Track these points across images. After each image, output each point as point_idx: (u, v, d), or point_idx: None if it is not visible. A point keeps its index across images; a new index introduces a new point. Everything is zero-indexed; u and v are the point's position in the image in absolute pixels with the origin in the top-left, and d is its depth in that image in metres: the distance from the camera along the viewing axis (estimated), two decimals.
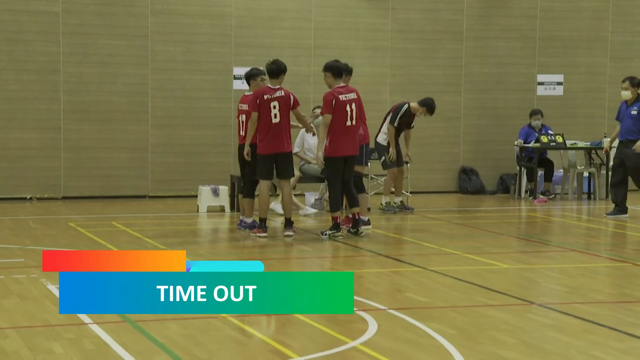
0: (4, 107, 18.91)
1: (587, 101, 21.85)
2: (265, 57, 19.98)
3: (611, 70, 22.06)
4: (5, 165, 18.94)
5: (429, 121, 20.60)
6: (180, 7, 19.68)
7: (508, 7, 21.48)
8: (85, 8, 19.23)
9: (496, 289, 10.93)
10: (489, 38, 21.16)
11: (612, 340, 8.66)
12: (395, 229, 15.86)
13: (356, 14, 20.65)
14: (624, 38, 22.03)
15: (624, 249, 14.28)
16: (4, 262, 12.27)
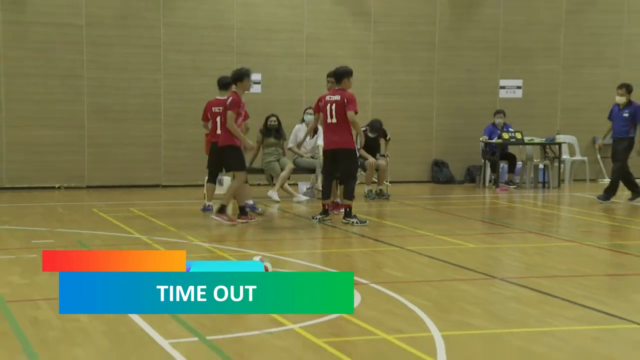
0: (35, 108, 18.94)
1: (542, 103, 21.87)
2: (263, 64, 20.15)
3: (563, 76, 22.10)
4: (36, 159, 18.99)
5: (407, 120, 20.74)
6: (188, 20, 19.68)
7: (475, 20, 21.51)
8: (105, 21, 19.22)
9: (464, 265, 11.01)
10: (458, 48, 21.18)
11: (563, 310, 8.76)
12: (376, 214, 15.89)
13: (343, 26, 20.65)
14: (575, 48, 22.03)
15: (573, 231, 14.36)
16: (36, 242, 12.32)
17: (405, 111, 20.82)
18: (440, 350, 7.25)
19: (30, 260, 10.98)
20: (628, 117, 17.25)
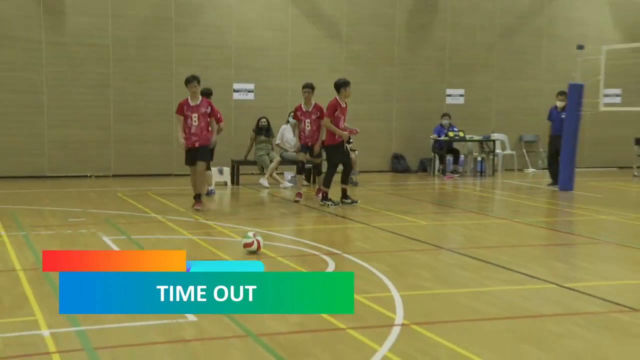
0: (69, 112, 18.92)
1: (480, 108, 21.94)
2: (256, 76, 20.12)
3: (497, 87, 22.18)
4: (71, 153, 18.96)
5: (372, 122, 20.70)
6: (196, 40, 19.65)
7: (426, 42, 21.52)
8: (128, 42, 19.19)
9: (418, 238, 11.04)
10: (413, 64, 21.19)
11: (497, 273, 8.82)
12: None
13: (320, 46, 20.65)
14: (505, 64, 22.10)
15: (504, 210, 14.42)
16: (72, 220, 12.32)
17: (370, 114, 20.81)
18: (399, 306, 7.30)
19: (67, 235, 10.99)
20: (565, 118, 17.30)
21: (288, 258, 9.50)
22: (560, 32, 22.39)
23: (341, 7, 20.78)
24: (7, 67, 18.56)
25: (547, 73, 22.23)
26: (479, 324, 6.86)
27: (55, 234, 11.14)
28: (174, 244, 10.48)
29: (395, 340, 6.27)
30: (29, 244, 10.30)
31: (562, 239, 11.85)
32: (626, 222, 13.13)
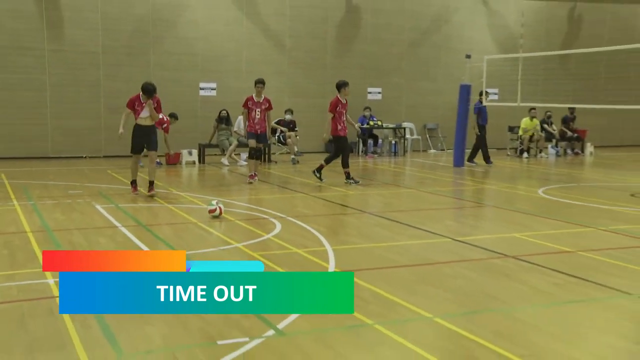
0: (69, 106, 18.61)
1: (393, 103, 22.03)
2: (218, 77, 19.95)
3: (406, 87, 22.29)
4: (70, 138, 18.68)
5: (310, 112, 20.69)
6: (170, 49, 19.43)
7: (352, 50, 21.54)
8: (115, 50, 18.89)
9: (346, 204, 11.14)
10: (342, 67, 21.13)
11: (405, 230, 8.96)
12: (292, 173, 15.93)
13: (269, 53, 20.54)
14: (413, 69, 22.23)
15: (413, 182, 14.54)
16: (71, 192, 12.17)
17: (308, 107, 20.80)
18: (331, 257, 7.37)
19: (67, 204, 10.86)
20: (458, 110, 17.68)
21: (244, 221, 9.53)
22: (453, 45, 22.56)
23: (285, 23, 20.69)
24: (19, 71, 18.23)
25: (444, 76, 22.42)
26: (392, 270, 6.99)
27: (58, 203, 10.99)
28: (153, 211, 10.43)
29: None
30: (36, 211, 10.22)
31: (455, 203, 12.06)
32: (501, 190, 13.40)
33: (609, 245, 8.19)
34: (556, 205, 11.37)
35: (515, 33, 22.59)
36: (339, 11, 21.37)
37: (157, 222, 9.48)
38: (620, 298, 6.11)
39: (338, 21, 21.36)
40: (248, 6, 20.24)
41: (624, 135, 24.45)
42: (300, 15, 20.86)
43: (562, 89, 23.52)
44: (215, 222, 9.41)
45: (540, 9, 23.79)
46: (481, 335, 5.04)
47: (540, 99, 21.29)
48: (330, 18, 21.23)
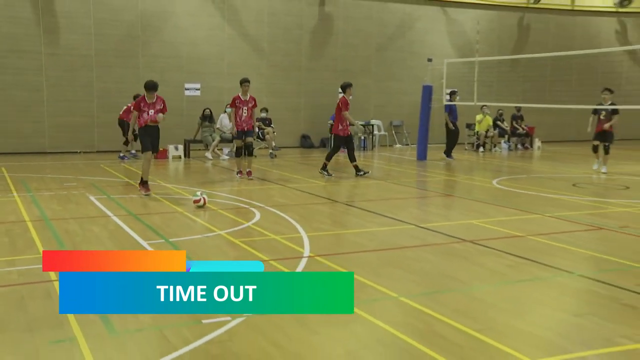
0: (65, 105, 18.36)
1: (362, 101, 21.88)
2: (202, 78, 19.82)
3: (374, 87, 22.30)
4: (65, 135, 18.41)
5: (286, 111, 20.66)
6: (157, 52, 19.23)
7: (324, 54, 21.49)
8: (107, 53, 18.66)
9: (320, 195, 11.13)
10: (315, 70, 21.14)
11: (374, 218, 8.97)
12: (269, 165, 15.91)
13: (248, 56, 20.40)
14: (380, 71, 22.21)
15: (380, 174, 14.56)
16: (66, 185, 12.03)
17: (285, 106, 20.78)
18: (306, 243, 7.39)
19: (62, 195, 10.75)
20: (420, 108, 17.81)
21: (226, 210, 9.50)
22: (416, 49, 22.63)
23: (263, 29, 20.57)
24: (17, 72, 17.95)
25: (408, 77, 22.46)
26: (362, 254, 7.01)
27: (54, 194, 10.86)
28: (143, 202, 10.34)
29: (303, 268, 6.37)
30: (34, 201, 10.11)
31: (418, 193, 12.13)
32: (460, 181, 13.51)
33: (554, 230, 8.31)
34: (508, 194, 11.47)
35: (472, 39, 22.74)
36: (313, 19, 21.31)
37: (147, 212, 9.41)
38: (563, 277, 6.21)
39: (312, 28, 21.29)
40: (229, 13, 20.11)
41: (568, 131, 24.69)
42: (278, 22, 20.76)
43: (513, 89, 23.77)
44: (200, 212, 9.36)
45: (493, 17, 23.94)
46: (442, 312, 5.09)
47: (494, 99, 21.47)
48: (304, 25, 21.16)
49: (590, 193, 11.79)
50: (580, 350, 4.43)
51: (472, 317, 5.00)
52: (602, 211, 9.80)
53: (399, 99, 22.50)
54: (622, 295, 5.62)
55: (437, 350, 4.36)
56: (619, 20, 26.00)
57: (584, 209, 9.92)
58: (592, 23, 25.60)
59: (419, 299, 5.43)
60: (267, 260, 6.59)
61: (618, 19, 25.97)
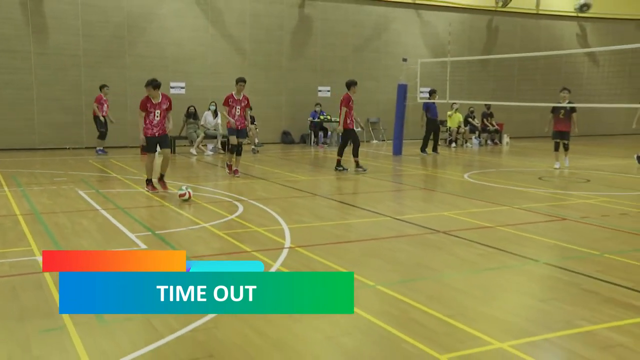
0: (54, 103, 18.16)
1: (337, 100, 22.04)
2: (187, 78, 19.70)
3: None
4: (54, 132, 18.22)
5: (268, 109, 20.60)
6: (143, 52, 19.07)
7: (304, 54, 21.45)
8: (94, 53, 18.48)
9: (300, 188, 11.13)
10: (295, 69, 21.09)
11: (353, 211, 8.99)
12: (251, 160, 15.87)
13: (231, 57, 20.32)
14: (357, 70, 22.13)
15: (350, 168, 14.67)
16: (56, 180, 11.92)
17: (267, 103, 20.71)
18: (287, 235, 7.39)
19: (52, 190, 10.65)
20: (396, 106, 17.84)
21: (210, 203, 9.48)
22: (391, 50, 22.69)
23: (245, 30, 20.49)
24: (7, 72, 17.72)
25: (384, 77, 22.52)
26: (340, 245, 7.04)
27: (44, 189, 10.76)
28: (130, 196, 10.28)
29: (285, 258, 6.38)
30: (25, 196, 10.01)
31: (394, 187, 12.17)
32: (433, 175, 13.58)
33: (521, 220, 8.41)
34: (478, 187, 11.57)
35: (444, 40, 22.81)
36: (293, 20, 21.25)
37: (134, 205, 9.35)
38: (529, 265, 6.29)
39: (292, 29, 21.24)
40: (213, 15, 20.00)
41: (535, 128, 24.84)
42: (259, 23, 20.68)
43: (483, 88, 23.91)
44: (185, 205, 9.33)
45: (464, 20, 24.05)
46: (416, 299, 5.13)
47: (465, 97, 21.57)
48: (285, 26, 21.10)
49: (554, 186, 11.93)
50: (544, 333, 4.51)
51: (444, 304, 5.05)
52: (565, 203, 9.93)
53: (376, 97, 22.55)
54: (582, 281, 5.72)
55: (412, 335, 4.40)
56: (580, 24, 26.29)
57: (548, 201, 10.05)
58: (555, 26, 25.84)
59: (395, 287, 5.47)
60: (249, 251, 6.59)
61: (578, 23, 26.25)
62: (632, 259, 6.47)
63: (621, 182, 12.53)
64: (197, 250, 6.67)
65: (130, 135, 18.82)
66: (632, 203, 9.88)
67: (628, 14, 26.74)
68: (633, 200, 10.21)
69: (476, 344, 4.28)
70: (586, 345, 4.31)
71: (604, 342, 4.37)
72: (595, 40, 26.30)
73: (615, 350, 4.23)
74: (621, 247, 7.00)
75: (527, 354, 4.14)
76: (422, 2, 23.15)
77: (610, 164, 15.91)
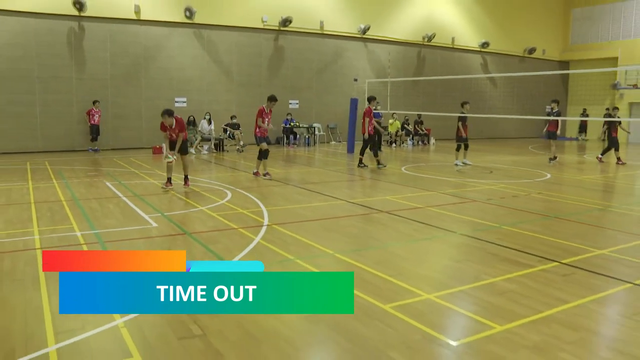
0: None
1: (307, 110, 21.78)
2: (188, 93, 19.32)
3: (315, 99, 22.13)
4: (87, 136, 17.65)
5: (250, 117, 20.37)
6: (155, 75, 18.62)
7: (279, 75, 21.26)
8: (118, 76, 17.94)
9: (276, 179, 11.00)
10: (272, 86, 20.84)
11: (317, 196, 8.94)
12: (238, 157, 15.69)
13: (221, 77, 19.95)
14: (320, 87, 22.12)
15: (320, 164, 14.47)
16: (89, 174, 11.53)
17: (249, 113, 20.19)
18: (266, 215, 7.32)
19: (87, 182, 10.34)
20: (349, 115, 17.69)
21: (206, 191, 9.35)
22: (345, 72, 22.61)
23: (232, 57, 20.14)
24: (55, 92, 16.96)
25: (340, 93, 22.42)
26: (307, 223, 7.01)
27: (81, 181, 10.53)
28: (144, 186, 10.09)
29: (264, 233, 6.34)
30: (67, 186, 9.79)
31: (349, 178, 12.11)
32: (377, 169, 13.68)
33: (444, 202, 8.50)
34: (413, 177, 11.63)
35: (385, 65, 22.94)
36: (270, 49, 21.03)
37: (148, 193, 9.18)
38: (450, 236, 6.38)
39: (269, 56, 21.01)
40: (208, 46, 19.66)
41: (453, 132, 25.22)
42: (243, 51, 20.38)
43: (415, 102, 24.11)
44: (186, 191, 9.19)
45: (400, 50, 24.13)
46: (366, 264, 5.15)
47: (402, 108, 21.76)
48: (263, 53, 20.84)
49: (467, 176, 12.07)
50: (460, 285, 4.59)
51: (387, 267, 5.09)
52: (475, 188, 10.06)
53: (333, 108, 22.49)
54: (487, 247, 5.83)
55: (364, 291, 4.42)
56: (482, 57, 26.73)
57: (463, 187, 10.18)
58: (466, 57, 26.14)
59: (349, 254, 5.48)
60: (236, 228, 6.53)
61: (482, 55, 26.68)
62: (521, 229, 6.64)
63: (514, 173, 12.79)
64: (196, 228, 6.58)
65: (145, 139, 18.48)
66: (521, 188, 10.08)
67: (514, 51, 27.50)
68: (522, 186, 10.43)
69: (410, 295, 4.33)
70: (488, 293, 4.41)
71: (500, 289, 4.48)
72: (494, 69, 26.87)
73: (508, 294, 4.36)
74: (513, 220, 7.16)
75: (448, 301, 4.21)
76: (368, 37, 23.14)
77: (506, 159, 16.24)
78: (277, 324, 3.75)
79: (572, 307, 4.09)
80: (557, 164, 14.74)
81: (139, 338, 3.51)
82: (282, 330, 3.65)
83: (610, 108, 17.93)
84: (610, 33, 26.89)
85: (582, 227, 6.81)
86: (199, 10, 19.09)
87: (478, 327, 3.73)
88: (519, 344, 3.48)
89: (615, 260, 5.33)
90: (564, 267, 5.07)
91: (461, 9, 25.62)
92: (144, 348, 3.38)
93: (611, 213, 7.83)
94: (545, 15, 28.55)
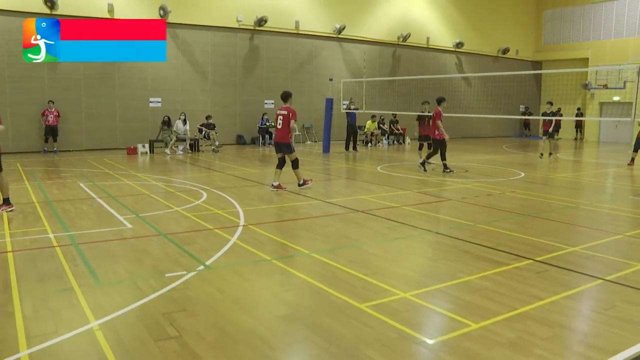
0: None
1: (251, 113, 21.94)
2: (163, 94, 19.10)
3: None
4: (61, 137, 17.29)
5: (225, 117, 20.25)
6: (129, 74, 18.35)
7: (253, 75, 21.19)
8: (92, 76, 17.65)
9: (251, 179, 11.01)
10: (246, 85, 20.73)
11: (293, 197, 8.92)
12: (214, 157, 15.58)
13: (196, 78, 19.80)
14: (296, 88, 22.07)
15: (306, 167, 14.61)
16: (63, 175, 11.34)
17: (225, 113, 20.36)
18: (242, 216, 7.31)
19: (60, 183, 10.15)
20: (325, 115, 17.69)
21: (181, 192, 9.27)
22: (321, 72, 22.65)
23: (207, 56, 19.99)
24: (27, 92, 16.59)
25: (315, 93, 22.47)
26: (283, 223, 7.02)
27: (54, 182, 10.34)
28: (119, 187, 9.95)
29: (240, 234, 6.32)
30: (40, 187, 9.63)
31: (324, 177, 12.13)
32: (353, 168, 13.71)
33: (419, 201, 8.58)
34: (388, 177, 11.69)
35: (360, 65, 23.06)
36: (245, 49, 20.94)
37: (122, 194, 9.06)
38: (425, 234, 6.45)
39: (244, 55, 20.91)
40: (183, 45, 19.47)
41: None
42: (218, 51, 20.25)
43: (390, 102, 24.27)
44: (162, 192, 9.10)
45: (375, 50, 24.31)
46: (341, 263, 5.19)
47: (377, 108, 21.87)
48: (238, 53, 20.75)
49: (443, 175, 12.22)
50: (435, 284, 4.65)
51: (362, 265, 5.13)
52: (450, 187, 10.18)
53: (309, 108, 22.51)
54: (461, 245, 5.93)
55: (339, 290, 4.46)
56: (457, 56, 27.09)
57: (438, 186, 10.29)
58: (440, 57, 26.47)
59: (324, 254, 5.51)
60: (212, 228, 6.50)
61: (456, 55, 27.04)
62: (494, 227, 6.77)
63: (488, 171, 12.98)
64: (171, 228, 6.52)
65: (119, 139, 18.19)
66: (495, 187, 10.25)
67: (488, 52, 27.94)
68: (496, 184, 10.61)
69: (386, 294, 4.36)
70: (463, 291, 4.48)
71: (475, 287, 4.56)
72: (468, 68, 27.24)
73: (483, 292, 4.44)
74: (487, 218, 7.28)
75: (424, 300, 4.27)
76: (344, 37, 23.24)
77: (480, 158, 16.47)
78: (254, 324, 3.76)
79: (546, 304, 4.15)
80: (553, 159, 15.57)
81: (115, 341, 3.47)
82: (259, 330, 3.66)
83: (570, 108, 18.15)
84: (581, 34, 27.58)
85: (554, 224, 6.97)
86: (174, 10, 18.90)
87: (454, 325, 3.78)
88: (494, 341, 3.53)
89: (587, 257, 5.47)
90: (538, 264, 5.18)
91: (436, 9, 25.94)
92: (119, 351, 3.34)
93: (582, 210, 8.01)
94: (518, 16, 29.10)
